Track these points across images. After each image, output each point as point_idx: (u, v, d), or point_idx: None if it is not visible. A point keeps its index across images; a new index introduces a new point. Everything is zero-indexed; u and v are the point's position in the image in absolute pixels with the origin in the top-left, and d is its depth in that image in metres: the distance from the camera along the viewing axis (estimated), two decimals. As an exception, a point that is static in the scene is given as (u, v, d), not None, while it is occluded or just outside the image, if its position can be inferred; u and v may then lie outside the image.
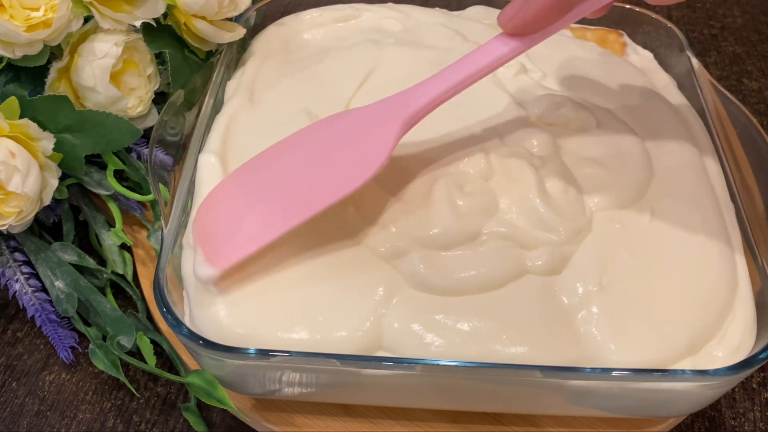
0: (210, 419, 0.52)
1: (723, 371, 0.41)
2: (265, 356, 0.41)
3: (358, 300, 0.44)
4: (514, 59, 0.58)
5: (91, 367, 0.55)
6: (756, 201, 0.49)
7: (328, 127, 0.49)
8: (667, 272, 0.46)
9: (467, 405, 0.47)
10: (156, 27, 0.57)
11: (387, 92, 0.56)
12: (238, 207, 0.47)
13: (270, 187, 0.47)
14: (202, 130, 0.54)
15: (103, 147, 0.54)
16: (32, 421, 0.52)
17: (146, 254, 0.57)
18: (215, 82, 0.57)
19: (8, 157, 0.49)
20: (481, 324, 0.43)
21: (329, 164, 0.47)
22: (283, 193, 0.47)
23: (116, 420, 0.52)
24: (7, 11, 0.50)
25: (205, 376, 0.47)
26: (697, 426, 0.52)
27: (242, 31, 0.60)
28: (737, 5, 0.89)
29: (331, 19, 0.65)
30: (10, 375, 0.54)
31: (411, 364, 0.41)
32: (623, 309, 0.44)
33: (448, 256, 0.46)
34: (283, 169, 0.48)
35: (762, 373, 0.55)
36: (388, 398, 0.47)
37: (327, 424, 0.48)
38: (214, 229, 0.46)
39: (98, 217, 0.58)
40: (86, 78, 0.54)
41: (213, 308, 0.44)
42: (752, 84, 0.78)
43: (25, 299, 0.54)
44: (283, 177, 0.47)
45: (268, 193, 0.47)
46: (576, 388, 0.42)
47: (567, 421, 0.48)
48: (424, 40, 0.62)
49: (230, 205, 0.47)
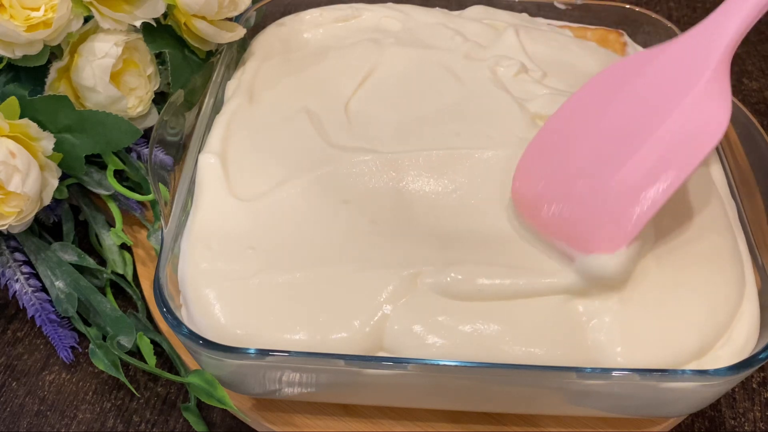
0: (210, 419, 0.52)
1: (723, 371, 0.41)
2: (265, 356, 0.41)
3: (360, 301, 0.44)
4: (514, 58, 0.58)
5: (91, 367, 0.55)
6: (756, 201, 0.49)
7: (636, 80, 0.45)
8: (678, 274, 0.46)
9: (468, 405, 0.47)
10: (156, 27, 0.57)
11: (387, 92, 0.57)
12: (585, 188, 0.44)
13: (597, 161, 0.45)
14: (202, 130, 0.54)
15: (103, 147, 0.54)
16: (32, 421, 0.52)
17: (146, 254, 0.57)
18: (215, 82, 0.57)
19: (8, 157, 0.49)
20: (485, 326, 0.43)
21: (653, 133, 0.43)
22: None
23: (116, 420, 0.52)
24: (7, 11, 0.50)
25: (205, 376, 0.47)
26: (697, 426, 0.52)
27: (242, 31, 0.60)
28: (737, 5, 0.89)
29: (331, 19, 0.65)
30: (10, 375, 0.54)
31: (411, 364, 0.41)
32: (632, 312, 0.44)
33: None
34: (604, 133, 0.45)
35: (762, 373, 0.55)
36: (389, 398, 0.47)
37: (327, 424, 0.48)
38: (575, 216, 0.44)
39: (98, 217, 0.58)
40: (86, 78, 0.54)
41: (211, 308, 0.44)
42: (752, 84, 0.78)
43: (25, 299, 0.54)
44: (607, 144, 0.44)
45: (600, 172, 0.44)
46: (577, 388, 0.42)
47: (567, 421, 0.48)
48: (424, 40, 0.62)
49: (578, 190, 0.45)
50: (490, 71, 0.57)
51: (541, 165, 0.47)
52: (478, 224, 0.48)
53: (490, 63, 0.58)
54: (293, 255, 0.46)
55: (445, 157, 0.51)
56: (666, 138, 0.43)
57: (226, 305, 0.44)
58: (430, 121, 0.54)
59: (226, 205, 0.49)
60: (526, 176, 0.48)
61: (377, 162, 0.50)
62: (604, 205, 0.44)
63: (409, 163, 0.50)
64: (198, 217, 0.48)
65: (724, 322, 0.44)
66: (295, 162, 0.51)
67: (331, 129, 0.54)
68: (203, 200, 0.49)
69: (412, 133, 0.53)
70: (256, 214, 0.49)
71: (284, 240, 0.47)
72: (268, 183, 0.50)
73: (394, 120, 0.54)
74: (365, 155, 0.51)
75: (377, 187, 0.50)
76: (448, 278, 0.44)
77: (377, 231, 0.48)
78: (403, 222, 0.48)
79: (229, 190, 0.50)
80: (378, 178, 0.50)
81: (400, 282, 0.44)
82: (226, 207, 0.49)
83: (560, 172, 0.46)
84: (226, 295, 0.45)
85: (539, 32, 0.63)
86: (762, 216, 0.48)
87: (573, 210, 0.45)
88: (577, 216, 0.45)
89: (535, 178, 0.47)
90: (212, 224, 0.48)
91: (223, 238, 0.47)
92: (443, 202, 0.49)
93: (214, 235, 0.47)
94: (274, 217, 0.48)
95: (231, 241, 0.47)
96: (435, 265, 0.45)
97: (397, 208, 0.49)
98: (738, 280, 0.46)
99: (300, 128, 0.54)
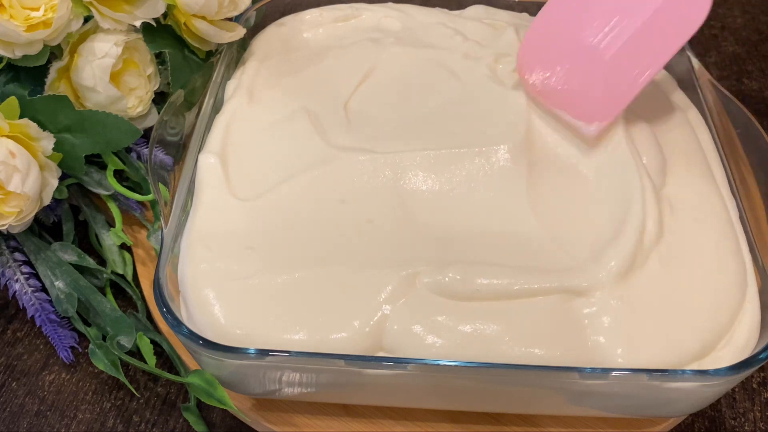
0: (210, 419, 0.52)
1: (723, 371, 0.41)
2: (265, 356, 0.41)
3: (359, 301, 0.44)
4: (512, 55, 0.58)
5: (91, 367, 0.55)
6: (756, 201, 0.49)
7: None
8: (680, 274, 0.46)
9: (467, 405, 0.47)
10: (156, 27, 0.57)
11: (386, 91, 0.57)
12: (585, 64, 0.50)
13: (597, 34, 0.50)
14: (202, 129, 0.54)
15: (103, 147, 0.54)
16: (32, 421, 0.52)
17: (146, 254, 0.57)
18: (215, 81, 0.57)
19: (8, 157, 0.49)
20: (485, 326, 0.43)
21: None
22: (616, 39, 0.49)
23: (116, 420, 0.52)
24: (7, 11, 0.50)
25: (205, 376, 0.47)
26: (697, 426, 0.52)
27: (242, 31, 0.60)
28: (737, 5, 0.89)
29: (331, 19, 0.65)
30: (10, 375, 0.54)
31: (410, 364, 0.41)
32: (634, 313, 0.44)
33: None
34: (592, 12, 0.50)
35: (762, 373, 0.55)
36: (389, 398, 0.47)
37: (327, 424, 0.48)
38: (575, 88, 0.50)
39: (98, 217, 0.58)
40: (86, 78, 0.54)
41: (211, 308, 0.44)
42: (752, 84, 0.78)
43: (25, 299, 0.54)
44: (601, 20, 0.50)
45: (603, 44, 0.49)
46: (577, 389, 0.42)
47: (567, 421, 0.48)
48: (424, 40, 0.62)
49: (578, 64, 0.50)
50: (489, 69, 0.57)
51: (546, 39, 0.52)
52: (476, 224, 0.48)
53: (489, 61, 0.58)
54: (292, 255, 0.46)
55: (443, 157, 0.51)
56: (656, 22, 0.49)
57: (225, 305, 0.44)
58: (429, 121, 0.54)
59: (226, 204, 0.49)
60: (532, 50, 0.52)
61: (376, 161, 0.50)
62: (601, 79, 0.49)
63: (408, 162, 0.50)
64: (198, 217, 0.48)
65: (726, 323, 0.44)
66: (295, 162, 0.51)
67: (331, 129, 0.54)
68: (203, 200, 0.49)
69: (412, 132, 0.53)
70: (255, 213, 0.49)
71: (284, 240, 0.47)
72: (267, 183, 0.50)
73: (394, 119, 0.54)
74: (364, 155, 0.51)
75: (376, 186, 0.50)
76: (446, 278, 0.44)
77: (376, 231, 0.48)
78: (401, 222, 0.48)
79: (228, 190, 0.50)
80: (377, 178, 0.50)
81: (398, 282, 0.44)
82: (226, 207, 0.49)
83: (564, 46, 0.51)
84: (226, 295, 0.45)
85: (539, 32, 0.63)
86: (762, 216, 0.48)
87: (574, 82, 0.50)
88: (577, 88, 0.50)
89: (540, 52, 0.52)
90: (212, 224, 0.48)
91: (222, 238, 0.47)
92: (442, 201, 0.49)
93: (213, 235, 0.47)
94: (274, 217, 0.48)
95: (231, 241, 0.47)
96: (433, 265, 0.45)
97: (395, 207, 0.49)
98: (740, 281, 0.46)
99: (299, 128, 0.54)
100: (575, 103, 0.50)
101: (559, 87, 0.51)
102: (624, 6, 0.49)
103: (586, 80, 0.50)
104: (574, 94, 0.50)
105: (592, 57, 0.50)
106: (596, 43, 0.49)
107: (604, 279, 0.44)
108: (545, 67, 0.51)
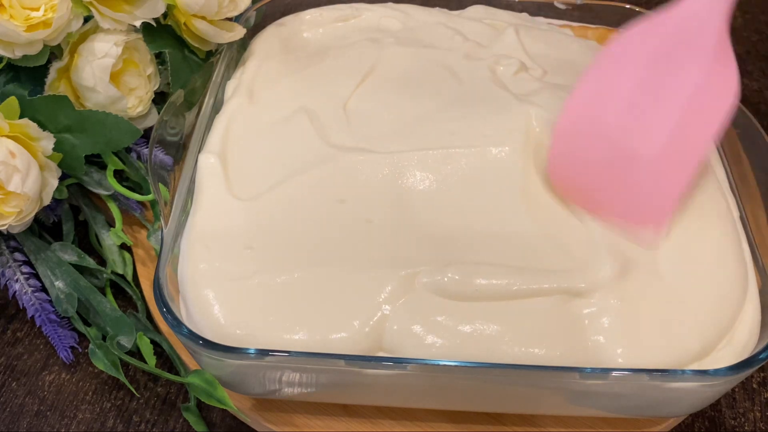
0: (210, 419, 0.52)
1: (723, 371, 0.41)
2: (265, 356, 0.41)
3: (359, 301, 0.44)
4: (514, 57, 0.58)
5: (91, 367, 0.55)
6: (756, 201, 0.49)
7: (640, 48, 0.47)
8: (681, 274, 0.45)
9: (467, 405, 0.47)
10: (156, 27, 0.57)
11: (386, 91, 0.57)
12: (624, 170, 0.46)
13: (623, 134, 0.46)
14: (202, 129, 0.54)
15: (103, 147, 0.54)
16: (32, 421, 0.52)
17: (146, 254, 0.57)
18: (215, 81, 0.57)
19: (8, 157, 0.49)
20: (485, 326, 0.43)
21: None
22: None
23: (116, 420, 0.52)
24: (6, 11, 0.50)
25: (205, 376, 0.47)
26: (697, 426, 0.52)
27: (242, 31, 0.60)
28: (737, 5, 0.89)
29: (331, 19, 0.65)
30: (10, 375, 0.54)
31: (410, 364, 0.41)
32: (634, 313, 0.44)
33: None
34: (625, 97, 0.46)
35: (762, 373, 0.55)
36: (389, 398, 0.47)
37: (327, 424, 0.48)
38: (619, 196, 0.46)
39: (98, 217, 0.58)
40: (86, 78, 0.54)
41: (211, 308, 0.44)
42: (752, 84, 0.78)
43: (25, 299, 0.54)
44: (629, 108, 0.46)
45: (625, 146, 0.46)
46: (577, 389, 0.42)
47: (567, 421, 0.48)
48: (424, 40, 0.62)
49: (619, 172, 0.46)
50: (490, 70, 0.57)
51: (575, 151, 0.48)
52: (476, 224, 0.48)
53: (489, 62, 0.58)
54: (292, 255, 0.46)
55: (443, 157, 0.51)
56: (685, 107, 0.45)
57: (225, 305, 0.44)
58: (428, 121, 0.54)
59: (226, 204, 0.49)
60: (562, 164, 0.49)
61: (376, 161, 0.50)
62: (643, 182, 0.46)
63: (408, 162, 0.50)
64: (198, 217, 0.49)
65: (727, 323, 0.44)
66: (295, 162, 0.51)
67: (331, 129, 0.54)
68: (203, 200, 0.50)
69: (411, 132, 0.53)
70: (255, 213, 0.49)
71: (283, 240, 0.47)
72: (267, 183, 0.50)
73: (393, 119, 0.54)
74: (363, 155, 0.51)
75: (376, 186, 0.50)
76: (445, 278, 0.44)
77: (375, 231, 0.48)
78: (401, 222, 0.48)
79: (228, 190, 0.50)
80: (376, 178, 0.50)
81: (398, 282, 0.44)
82: (226, 207, 0.49)
83: (595, 154, 0.47)
84: (225, 295, 0.45)
85: (539, 31, 0.63)
86: (762, 216, 0.48)
87: (616, 191, 0.47)
88: (620, 196, 0.47)
89: (571, 165, 0.48)
90: (212, 224, 0.48)
91: (222, 238, 0.47)
92: (441, 201, 0.49)
93: (213, 235, 0.47)
94: (274, 217, 0.48)
95: (230, 241, 0.47)
96: (432, 265, 0.45)
97: (395, 207, 0.49)
98: (741, 281, 0.46)
99: (299, 128, 0.54)
100: (623, 209, 0.47)
101: (600, 195, 0.47)
102: (655, 92, 0.46)
103: (629, 183, 0.46)
104: (618, 200, 0.47)
105: (632, 158, 0.46)
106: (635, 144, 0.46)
107: (603, 279, 0.44)
108: (581, 179, 0.48)
